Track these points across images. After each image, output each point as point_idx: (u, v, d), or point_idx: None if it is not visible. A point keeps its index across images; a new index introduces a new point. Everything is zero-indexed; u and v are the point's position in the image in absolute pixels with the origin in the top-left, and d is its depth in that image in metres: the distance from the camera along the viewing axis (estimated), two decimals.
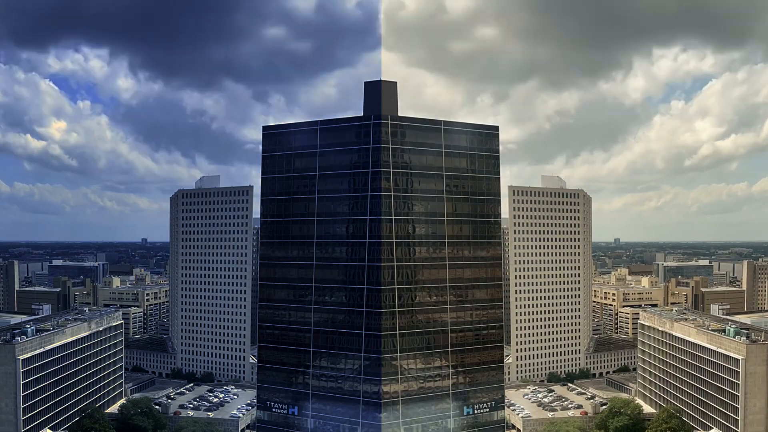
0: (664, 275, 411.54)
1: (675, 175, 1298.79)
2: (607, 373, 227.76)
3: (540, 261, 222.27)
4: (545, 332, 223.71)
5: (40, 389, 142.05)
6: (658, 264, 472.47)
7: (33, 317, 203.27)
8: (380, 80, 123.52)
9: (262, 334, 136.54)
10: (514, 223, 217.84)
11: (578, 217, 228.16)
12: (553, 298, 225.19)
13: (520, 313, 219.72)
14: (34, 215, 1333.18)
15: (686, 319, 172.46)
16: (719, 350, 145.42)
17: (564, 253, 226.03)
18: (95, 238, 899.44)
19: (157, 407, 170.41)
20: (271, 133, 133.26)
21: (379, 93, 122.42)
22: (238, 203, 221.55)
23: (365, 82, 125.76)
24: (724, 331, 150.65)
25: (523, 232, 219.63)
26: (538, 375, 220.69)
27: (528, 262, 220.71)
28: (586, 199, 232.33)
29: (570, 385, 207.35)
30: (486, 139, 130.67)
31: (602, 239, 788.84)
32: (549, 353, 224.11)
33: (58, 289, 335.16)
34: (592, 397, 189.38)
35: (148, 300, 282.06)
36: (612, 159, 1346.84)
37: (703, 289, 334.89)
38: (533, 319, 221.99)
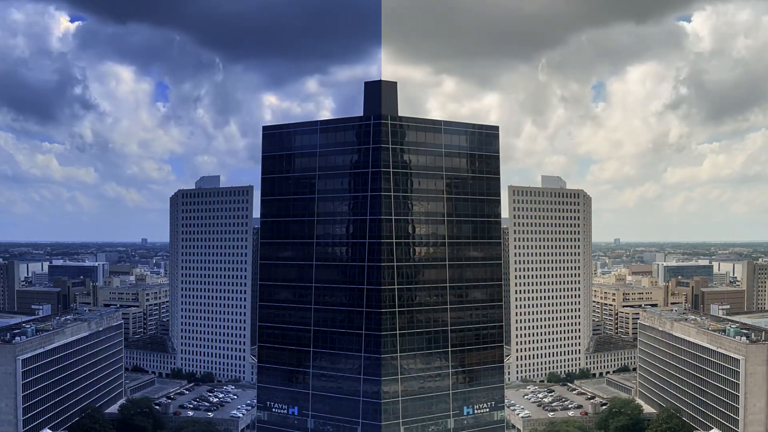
0: (664, 275, 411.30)
1: None
2: (607, 373, 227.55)
3: (540, 261, 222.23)
4: (545, 332, 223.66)
5: (40, 389, 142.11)
6: (658, 264, 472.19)
7: (33, 317, 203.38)
8: (380, 80, 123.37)
9: (262, 334, 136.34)
10: (514, 223, 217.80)
11: (578, 217, 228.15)
12: (553, 298, 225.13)
13: (520, 313, 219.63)
14: None
15: (686, 319, 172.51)
16: (719, 350, 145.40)
17: (564, 253, 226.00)
18: None
19: (157, 407, 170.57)
20: (271, 133, 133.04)
21: (379, 93, 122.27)
22: (238, 203, 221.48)
23: (365, 82, 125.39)
24: (724, 331, 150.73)
25: (523, 232, 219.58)
26: (538, 375, 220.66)
27: (528, 262, 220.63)
28: (586, 199, 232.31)
29: (570, 385, 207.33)
30: (486, 139, 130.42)
31: (602, 239, 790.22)
32: (549, 353, 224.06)
33: (58, 289, 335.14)
34: (592, 397, 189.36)
35: (148, 300, 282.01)
36: None
37: (703, 289, 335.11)
38: (533, 319, 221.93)
